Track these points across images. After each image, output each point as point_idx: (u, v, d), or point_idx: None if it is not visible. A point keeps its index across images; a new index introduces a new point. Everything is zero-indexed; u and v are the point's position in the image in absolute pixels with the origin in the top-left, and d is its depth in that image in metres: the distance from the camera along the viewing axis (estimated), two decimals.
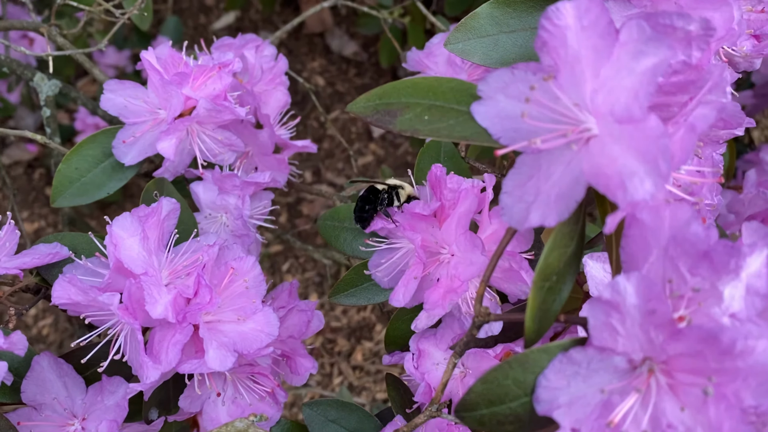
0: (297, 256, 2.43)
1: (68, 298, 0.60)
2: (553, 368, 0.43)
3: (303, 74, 2.76)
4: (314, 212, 2.46)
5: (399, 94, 0.49)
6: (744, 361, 0.39)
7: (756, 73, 1.70)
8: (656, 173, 0.38)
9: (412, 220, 0.69)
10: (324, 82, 2.76)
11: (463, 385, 0.72)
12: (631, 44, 0.39)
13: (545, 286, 0.45)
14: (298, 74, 2.76)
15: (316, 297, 2.40)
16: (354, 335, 2.33)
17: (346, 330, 2.34)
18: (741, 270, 0.41)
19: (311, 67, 2.80)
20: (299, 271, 2.42)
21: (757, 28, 0.70)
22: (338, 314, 2.37)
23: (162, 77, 0.74)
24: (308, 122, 2.65)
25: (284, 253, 2.43)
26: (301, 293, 2.37)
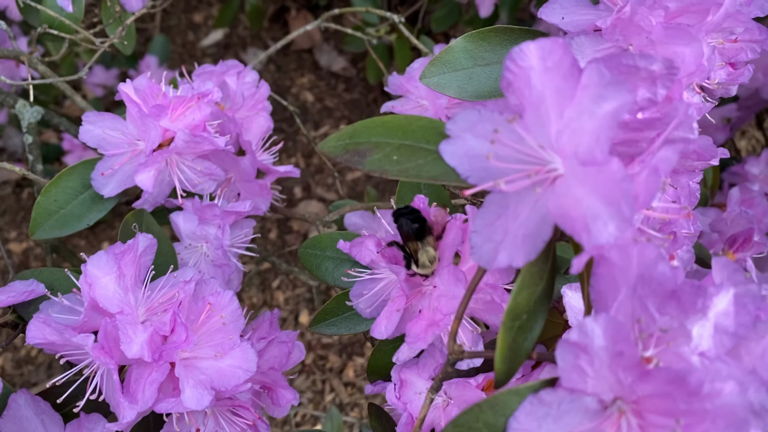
0: (287, 272, 2.43)
1: (43, 338, 0.59)
2: (524, 410, 0.42)
3: (292, 90, 2.77)
4: (304, 228, 2.46)
5: (369, 134, 0.49)
6: (712, 403, 0.39)
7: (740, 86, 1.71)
8: (619, 216, 0.38)
9: (396, 252, 0.69)
10: (313, 98, 2.77)
11: (446, 414, 0.72)
12: (592, 88, 0.40)
13: (515, 325, 0.45)
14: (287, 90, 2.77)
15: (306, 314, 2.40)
16: (345, 351, 2.33)
17: (338, 346, 2.33)
18: (708, 309, 0.41)
19: (300, 83, 2.81)
20: (289, 288, 2.41)
21: (732, 56, 0.71)
22: None
23: (140, 109, 0.74)
24: (298, 138, 2.66)
25: (274, 270, 2.43)
26: (291, 309, 2.37)
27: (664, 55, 0.56)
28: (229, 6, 2.47)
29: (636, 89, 0.44)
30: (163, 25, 2.88)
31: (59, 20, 0.96)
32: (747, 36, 0.69)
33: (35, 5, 0.94)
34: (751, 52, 0.70)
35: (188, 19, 2.94)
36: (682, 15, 0.59)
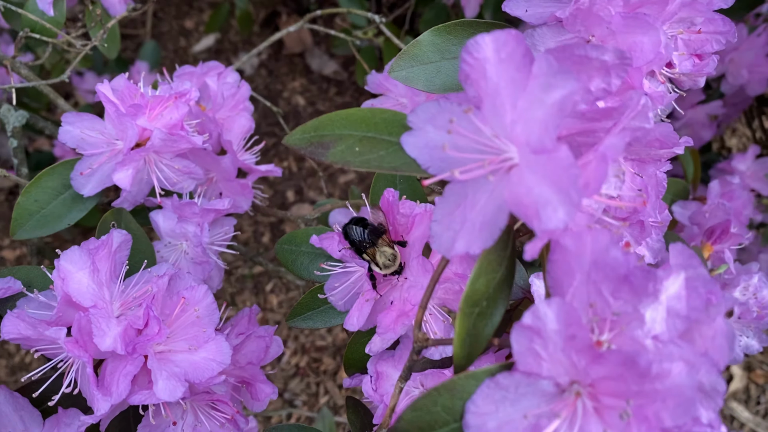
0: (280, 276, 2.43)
1: (18, 332, 0.60)
2: (481, 394, 0.43)
3: (284, 94, 2.78)
4: None
5: (333, 126, 0.50)
6: (662, 384, 0.40)
7: (725, 84, 1.72)
8: (568, 202, 0.39)
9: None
10: (305, 102, 2.78)
11: None
12: (542, 77, 0.41)
13: (474, 312, 0.46)
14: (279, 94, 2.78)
15: None
16: (339, 353, 2.33)
17: (332, 348, 2.34)
18: (660, 293, 0.42)
19: (292, 87, 2.82)
20: (283, 291, 2.42)
21: (698, 47, 0.71)
22: (323, 333, 2.37)
23: (117, 109, 0.74)
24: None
25: (268, 274, 2.43)
26: (284, 312, 2.37)
27: (623, 44, 0.58)
28: (219, 11, 2.49)
29: (591, 79, 0.45)
30: (155, 31, 2.89)
31: (41, 24, 0.96)
32: (711, 27, 0.70)
33: (16, 9, 0.95)
34: (716, 44, 0.70)
35: (179, 25, 2.95)
36: (643, 6, 0.60)
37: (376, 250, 0.66)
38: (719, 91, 1.77)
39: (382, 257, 0.65)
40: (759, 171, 1.75)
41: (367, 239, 0.67)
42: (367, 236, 0.68)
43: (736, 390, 2.48)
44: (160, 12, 2.89)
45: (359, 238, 0.66)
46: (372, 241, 0.66)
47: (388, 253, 0.65)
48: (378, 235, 0.67)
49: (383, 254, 0.65)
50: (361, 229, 0.69)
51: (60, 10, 0.98)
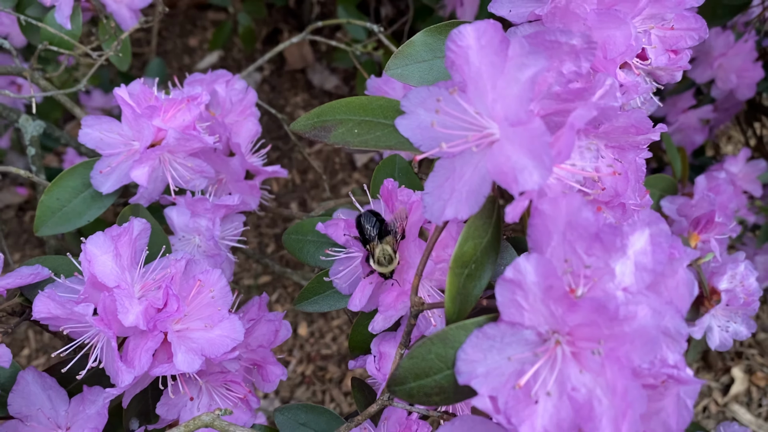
0: (285, 285, 2.49)
1: (48, 312, 0.66)
2: (471, 343, 0.49)
3: (286, 109, 2.85)
4: None
5: (334, 112, 0.56)
6: (629, 326, 0.45)
7: (715, 89, 1.77)
8: (542, 166, 0.45)
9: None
10: None
11: None
12: (516, 58, 0.46)
13: (463, 273, 0.51)
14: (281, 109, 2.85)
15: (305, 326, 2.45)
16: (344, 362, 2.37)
17: (337, 357, 2.38)
18: (627, 248, 0.47)
19: (294, 102, 2.89)
20: (288, 301, 2.47)
21: (673, 44, 0.77)
22: (328, 342, 2.42)
23: (134, 111, 0.81)
24: (293, 155, 2.73)
25: (273, 284, 2.49)
26: (291, 322, 2.42)
27: (599, 38, 0.64)
28: (222, 29, 2.56)
29: (562, 63, 0.51)
30: (159, 49, 2.98)
31: (59, 37, 1.03)
32: (684, 24, 0.76)
33: (36, 23, 1.01)
34: (690, 39, 0.76)
35: (184, 43, 3.03)
36: (617, 3, 0.66)
37: (378, 245, 0.70)
38: (710, 96, 1.83)
39: (381, 253, 0.70)
40: (751, 173, 1.80)
41: (375, 232, 0.72)
42: (376, 228, 0.72)
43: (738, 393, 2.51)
44: (164, 31, 2.97)
45: (370, 226, 0.71)
46: (378, 236, 0.71)
47: (387, 252, 0.70)
48: (386, 233, 0.71)
49: (383, 251, 0.70)
50: (375, 219, 0.73)
51: (76, 23, 1.05)
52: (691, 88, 1.83)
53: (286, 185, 2.69)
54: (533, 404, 0.47)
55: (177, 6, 3.06)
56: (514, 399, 0.47)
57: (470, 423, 0.50)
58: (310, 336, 2.49)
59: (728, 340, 1.07)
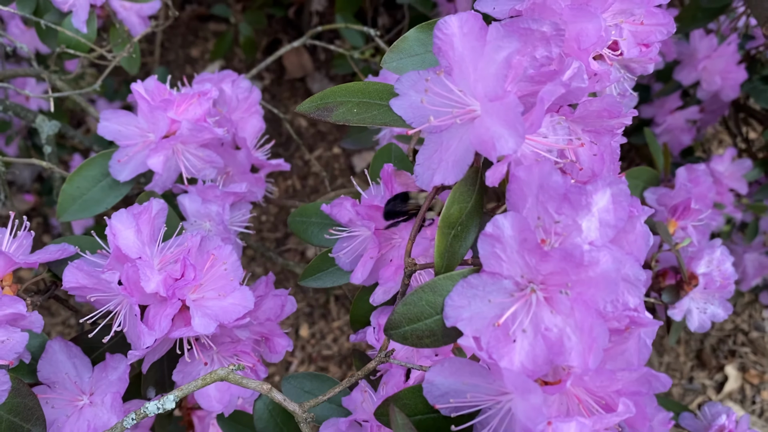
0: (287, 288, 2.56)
1: (76, 281, 0.73)
2: (457, 291, 0.56)
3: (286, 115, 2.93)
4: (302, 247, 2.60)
5: (335, 95, 0.64)
6: (593, 271, 0.52)
7: (700, 90, 1.85)
8: (516, 134, 0.52)
9: (369, 210, 0.83)
10: (307, 123, 2.93)
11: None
12: (492, 42, 0.54)
13: (450, 233, 0.58)
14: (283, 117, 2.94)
15: (306, 327, 2.52)
16: (345, 362, 2.44)
17: (338, 357, 2.45)
18: (591, 206, 0.55)
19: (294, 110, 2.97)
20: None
21: (644, 38, 0.85)
22: (329, 342, 2.49)
23: (149, 104, 0.88)
24: (293, 161, 2.81)
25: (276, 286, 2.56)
26: (291, 323, 2.49)
27: (573, 31, 0.71)
28: (223, 39, 2.65)
29: (535, 48, 0.59)
30: (162, 60, 3.06)
31: (75, 40, 1.11)
32: (654, 20, 0.83)
33: (55, 27, 1.09)
34: (659, 34, 0.84)
35: (186, 53, 3.12)
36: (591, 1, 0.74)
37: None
38: (696, 97, 1.91)
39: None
40: (736, 171, 1.88)
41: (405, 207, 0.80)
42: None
43: (732, 390, 2.58)
44: (167, 42, 3.06)
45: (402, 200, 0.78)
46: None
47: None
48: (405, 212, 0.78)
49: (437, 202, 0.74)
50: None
51: (92, 28, 1.13)
52: (678, 90, 1.91)
53: (287, 190, 2.76)
54: (512, 343, 0.54)
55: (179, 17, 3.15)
56: (495, 338, 0.55)
57: (458, 364, 0.57)
58: (311, 337, 2.56)
59: (706, 322, 1.15)
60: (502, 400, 0.56)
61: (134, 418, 0.63)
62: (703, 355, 2.62)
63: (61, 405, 0.78)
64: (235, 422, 0.97)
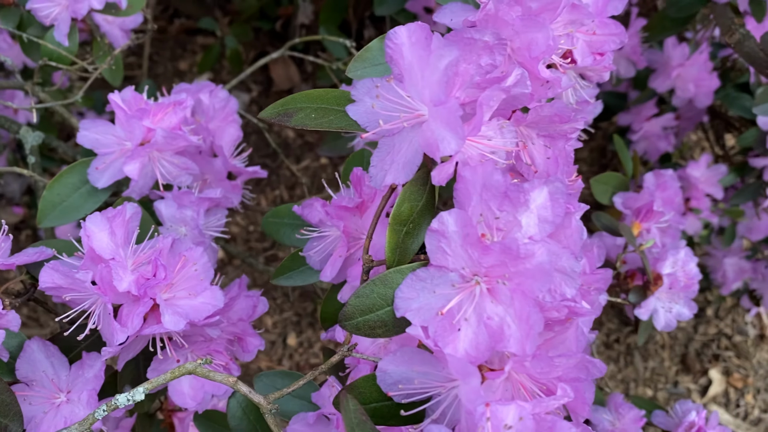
0: (275, 297, 2.59)
1: (52, 282, 0.76)
2: (406, 284, 0.60)
3: (274, 128, 2.98)
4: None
5: (296, 102, 0.68)
6: (530, 263, 0.56)
7: (675, 98, 1.90)
8: (457, 136, 0.56)
9: (338, 211, 0.87)
10: (294, 134, 2.97)
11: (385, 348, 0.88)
12: (436, 51, 0.58)
13: (402, 230, 0.62)
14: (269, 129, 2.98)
15: (294, 336, 2.55)
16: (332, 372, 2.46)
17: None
18: (530, 203, 0.59)
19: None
20: (277, 312, 2.57)
21: (598, 47, 0.89)
22: (317, 351, 2.52)
23: (126, 113, 0.92)
24: (280, 172, 2.85)
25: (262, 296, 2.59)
26: (279, 333, 2.52)
27: (525, 41, 0.75)
28: (210, 52, 2.70)
29: (480, 57, 0.63)
30: (151, 73, 3.10)
31: (57, 53, 1.15)
32: (606, 30, 0.88)
33: (37, 40, 1.13)
34: (612, 44, 0.88)
35: (174, 66, 3.16)
36: (542, 12, 0.78)
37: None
38: (671, 105, 1.96)
39: None
40: (712, 177, 1.93)
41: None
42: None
43: (716, 394, 2.61)
44: (155, 55, 3.10)
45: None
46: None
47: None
48: None
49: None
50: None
51: (73, 41, 1.17)
52: (653, 97, 1.96)
53: (274, 200, 2.80)
54: (456, 331, 0.58)
55: (167, 31, 3.20)
56: (441, 328, 0.58)
57: (409, 353, 0.61)
58: (299, 346, 2.59)
59: (672, 321, 1.19)
60: (449, 386, 0.60)
61: (105, 410, 0.67)
62: (687, 360, 2.65)
63: (39, 402, 0.82)
64: (211, 421, 1.00)
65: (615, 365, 2.60)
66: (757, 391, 2.58)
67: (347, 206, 0.85)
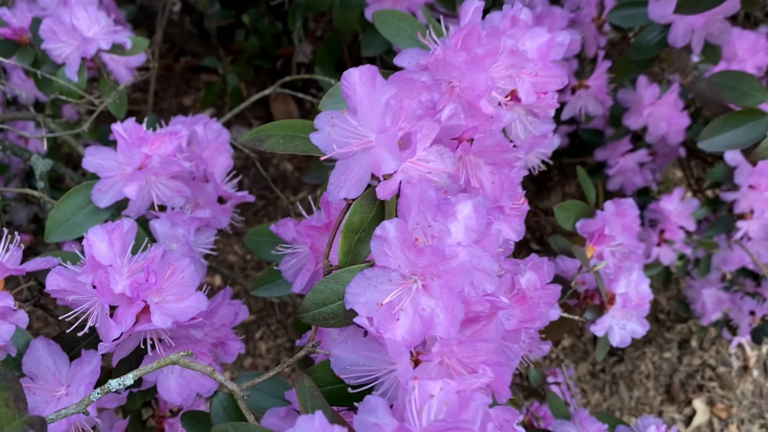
0: (269, 324, 2.70)
1: (57, 285, 0.89)
2: (355, 282, 0.72)
3: (273, 161, 3.13)
4: None
5: (268, 130, 0.81)
6: (455, 262, 0.68)
7: (648, 135, 2.03)
8: (395, 157, 0.69)
9: (307, 230, 0.99)
10: (292, 167, 3.12)
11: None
12: (378, 89, 0.72)
13: (354, 237, 0.75)
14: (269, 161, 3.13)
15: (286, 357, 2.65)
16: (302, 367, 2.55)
17: None
18: (457, 214, 0.71)
19: (280, 155, 3.16)
20: (271, 338, 2.68)
21: (543, 87, 1.03)
22: None
23: (126, 141, 1.06)
24: (278, 203, 2.99)
25: (257, 322, 2.70)
26: (273, 358, 2.63)
27: (470, 81, 0.89)
28: (212, 88, 2.86)
29: (420, 94, 0.76)
30: (156, 108, 3.27)
31: (68, 88, 1.29)
32: (548, 72, 1.01)
33: (50, 77, 1.28)
34: (555, 84, 1.01)
35: (178, 102, 3.33)
36: (486, 57, 0.92)
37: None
38: (645, 141, 2.09)
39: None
40: (685, 210, 2.05)
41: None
42: None
43: (700, 424, 2.69)
44: (161, 91, 3.27)
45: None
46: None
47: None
48: None
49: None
50: None
51: (82, 77, 1.32)
52: (628, 134, 2.09)
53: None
54: (396, 321, 0.70)
55: (173, 69, 3.38)
56: (383, 318, 0.70)
57: (359, 342, 0.73)
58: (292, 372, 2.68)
59: (627, 337, 1.29)
60: (390, 368, 0.71)
61: (99, 393, 0.79)
62: (672, 390, 2.73)
63: (42, 393, 0.93)
64: (197, 421, 1.11)
65: (600, 394, 2.69)
66: (741, 422, 2.66)
67: (315, 225, 0.97)
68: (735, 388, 2.73)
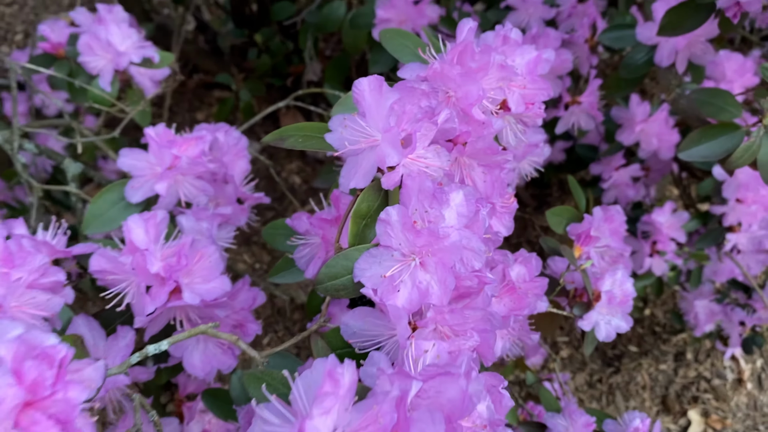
0: (276, 330, 2.82)
1: (100, 266, 1.02)
2: (362, 259, 0.85)
3: (282, 174, 3.27)
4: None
5: (288, 131, 0.95)
6: (447, 242, 0.81)
7: (640, 150, 2.16)
8: (398, 153, 0.83)
9: (319, 222, 1.13)
10: (300, 180, 3.26)
11: None
12: (384, 95, 0.85)
13: (362, 223, 0.88)
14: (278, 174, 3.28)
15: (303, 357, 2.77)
16: None
17: None
18: (450, 202, 0.84)
19: (289, 168, 3.31)
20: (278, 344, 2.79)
21: (531, 98, 1.16)
22: None
23: (158, 143, 1.20)
24: (286, 214, 3.12)
25: (265, 329, 2.83)
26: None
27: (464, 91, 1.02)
28: (225, 104, 3.01)
29: (420, 100, 0.90)
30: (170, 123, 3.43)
31: (101, 97, 1.44)
32: (536, 85, 1.15)
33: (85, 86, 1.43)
34: (542, 96, 1.15)
35: (192, 117, 3.49)
36: (478, 71, 1.05)
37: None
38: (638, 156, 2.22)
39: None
40: (676, 223, 2.17)
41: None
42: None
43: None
44: (175, 107, 3.43)
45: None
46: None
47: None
48: None
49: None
50: None
51: (114, 87, 1.47)
52: (621, 150, 2.22)
53: None
54: (396, 291, 0.83)
55: (187, 85, 3.54)
56: (386, 289, 0.83)
57: (365, 311, 0.86)
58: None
59: (612, 332, 1.42)
60: (391, 333, 0.84)
61: (138, 356, 0.91)
62: (667, 401, 2.83)
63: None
64: (216, 398, 1.24)
65: (597, 404, 2.79)
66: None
67: (326, 218, 1.11)
68: (729, 400, 2.83)
